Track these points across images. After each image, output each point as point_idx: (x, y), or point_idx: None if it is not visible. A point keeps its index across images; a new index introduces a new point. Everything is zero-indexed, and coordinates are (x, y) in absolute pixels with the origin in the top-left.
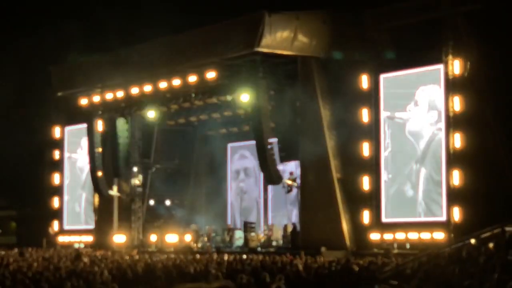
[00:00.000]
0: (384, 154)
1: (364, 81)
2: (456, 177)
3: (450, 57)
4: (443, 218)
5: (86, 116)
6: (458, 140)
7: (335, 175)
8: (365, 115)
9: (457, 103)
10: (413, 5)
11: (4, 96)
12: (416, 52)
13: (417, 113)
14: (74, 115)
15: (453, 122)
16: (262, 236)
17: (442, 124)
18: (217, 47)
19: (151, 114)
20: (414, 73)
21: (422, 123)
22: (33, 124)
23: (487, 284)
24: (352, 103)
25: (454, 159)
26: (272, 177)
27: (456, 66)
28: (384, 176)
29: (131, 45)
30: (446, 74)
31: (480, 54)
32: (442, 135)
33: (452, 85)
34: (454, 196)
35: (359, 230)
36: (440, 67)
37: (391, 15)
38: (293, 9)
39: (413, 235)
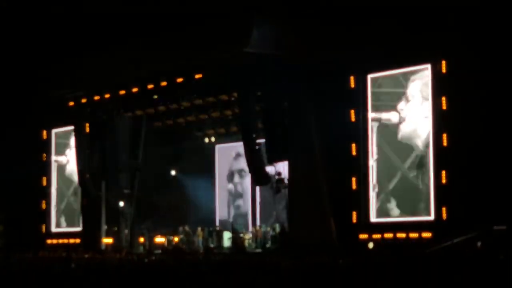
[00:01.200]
0: (370, 162)
1: (352, 81)
2: (444, 176)
3: (438, 55)
4: (431, 217)
5: (73, 117)
6: (445, 139)
7: (323, 175)
8: (352, 115)
9: (444, 102)
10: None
11: None
12: (403, 51)
13: (410, 109)
14: (62, 117)
15: (440, 121)
16: (250, 237)
17: (430, 118)
18: (205, 47)
19: (139, 115)
20: (402, 72)
21: (416, 120)
22: (20, 126)
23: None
24: (340, 104)
25: (441, 158)
26: (260, 178)
27: (444, 65)
28: (371, 178)
29: (117, 46)
30: (434, 72)
31: (469, 52)
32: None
33: (440, 84)
34: (442, 196)
35: (347, 230)
36: (428, 66)
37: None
38: (281, 10)
39: (401, 235)
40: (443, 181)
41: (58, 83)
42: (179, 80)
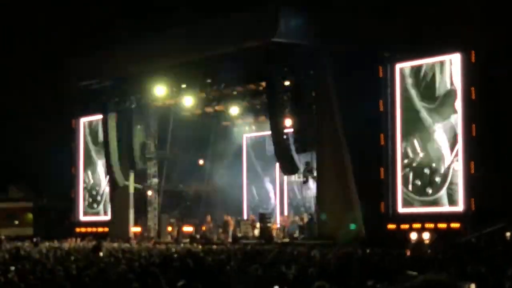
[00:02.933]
0: (398, 152)
1: (380, 71)
2: (472, 167)
3: (467, 45)
4: (460, 208)
5: (102, 107)
6: (474, 130)
7: (351, 165)
8: (381, 105)
9: (473, 92)
10: None
11: (22, 89)
12: (432, 41)
13: (438, 99)
14: (90, 107)
15: (469, 111)
16: (278, 227)
17: (460, 111)
18: (233, 37)
19: (167, 105)
20: (431, 62)
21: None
22: (50, 115)
23: (507, 271)
24: (368, 93)
25: (470, 148)
26: (288, 167)
27: (474, 55)
28: (399, 167)
29: (146, 36)
30: (463, 62)
31: (498, 42)
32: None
33: (469, 74)
34: (470, 186)
35: (375, 221)
36: (457, 56)
37: (407, 3)
38: (309, 0)
39: (429, 226)
40: (472, 171)
41: (87, 73)
42: (208, 70)
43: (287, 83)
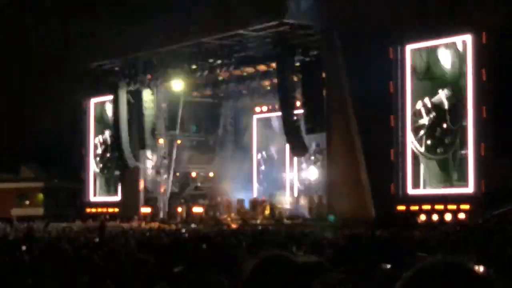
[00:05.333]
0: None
1: (391, 52)
2: (483, 149)
3: (478, 26)
4: (470, 190)
5: (112, 87)
6: (485, 111)
7: (361, 147)
8: (391, 86)
9: (484, 74)
10: None
11: (33, 70)
12: (443, 22)
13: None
14: (100, 87)
15: (479, 93)
16: (288, 208)
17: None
18: (244, 18)
19: (177, 85)
20: (441, 44)
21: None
22: (61, 96)
23: None
24: (378, 75)
25: (481, 130)
26: (298, 148)
27: (485, 36)
28: (409, 147)
29: (157, 17)
30: (474, 44)
31: (508, 23)
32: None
33: (480, 56)
34: (481, 168)
35: (385, 202)
36: (468, 37)
37: None
38: None
39: (439, 207)
40: (482, 153)
41: (97, 54)
42: (219, 50)
43: (297, 64)
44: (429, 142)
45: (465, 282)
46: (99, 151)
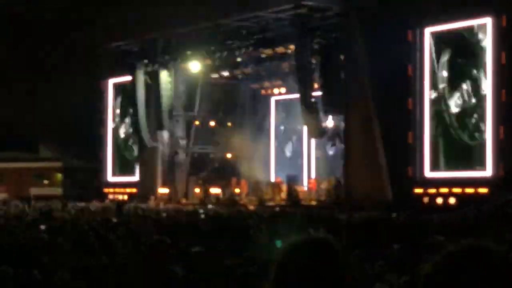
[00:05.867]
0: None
1: (410, 35)
2: (502, 132)
3: (499, 9)
4: (489, 173)
5: (130, 68)
6: (504, 95)
7: (379, 129)
8: (409, 70)
9: (504, 57)
10: None
11: (52, 49)
12: (463, 4)
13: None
14: (119, 68)
15: (499, 76)
16: (305, 190)
17: (489, 76)
18: (262, 0)
19: (195, 66)
20: (461, 27)
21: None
22: (79, 76)
23: None
24: (397, 58)
25: (499, 113)
26: (315, 131)
27: (505, 19)
28: (426, 130)
29: None
30: (495, 27)
31: None
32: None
33: (500, 39)
34: (499, 151)
35: (402, 185)
36: (489, 20)
37: None
38: None
39: (457, 191)
40: (501, 136)
41: (116, 34)
42: (237, 33)
43: (315, 46)
44: (446, 124)
45: (498, 267)
46: (117, 131)
